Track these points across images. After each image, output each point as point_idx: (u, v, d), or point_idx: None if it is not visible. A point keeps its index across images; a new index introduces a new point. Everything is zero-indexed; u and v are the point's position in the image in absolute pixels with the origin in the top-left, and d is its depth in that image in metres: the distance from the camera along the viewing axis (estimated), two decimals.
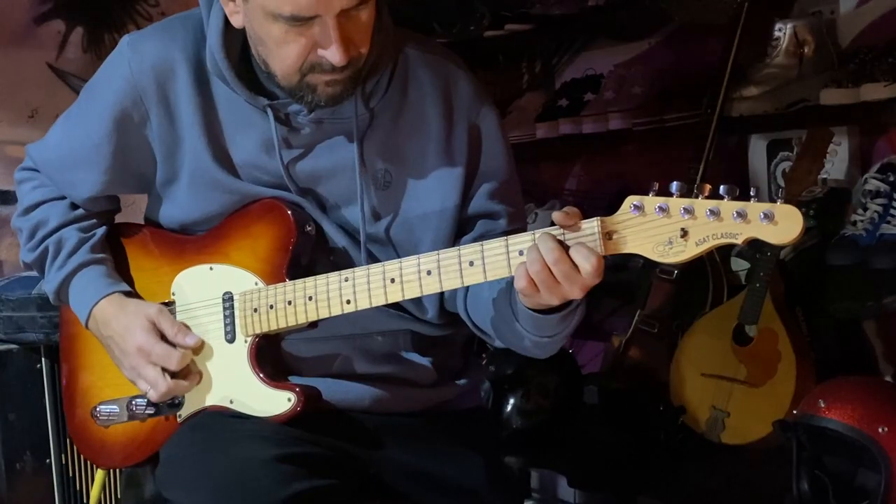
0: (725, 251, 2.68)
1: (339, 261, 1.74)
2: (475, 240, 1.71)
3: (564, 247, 1.47)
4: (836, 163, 2.62)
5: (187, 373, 1.75)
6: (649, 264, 2.75)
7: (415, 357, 1.81)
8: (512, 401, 2.85)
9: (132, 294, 1.83)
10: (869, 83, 2.42)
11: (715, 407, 2.52)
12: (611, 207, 1.50)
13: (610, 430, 2.80)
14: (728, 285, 2.66)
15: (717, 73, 2.69)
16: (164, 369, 1.74)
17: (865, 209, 2.45)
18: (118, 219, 1.94)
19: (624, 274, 2.83)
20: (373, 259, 1.74)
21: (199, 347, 1.76)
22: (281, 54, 1.62)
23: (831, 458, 2.20)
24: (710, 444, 2.53)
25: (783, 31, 2.63)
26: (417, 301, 1.75)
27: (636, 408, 2.72)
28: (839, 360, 2.60)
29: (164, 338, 1.75)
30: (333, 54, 1.57)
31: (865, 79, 2.43)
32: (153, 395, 1.75)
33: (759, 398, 2.44)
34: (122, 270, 1.86)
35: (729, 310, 2.54)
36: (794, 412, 2.24)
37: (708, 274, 2.67)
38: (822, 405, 2.15)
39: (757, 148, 2.86)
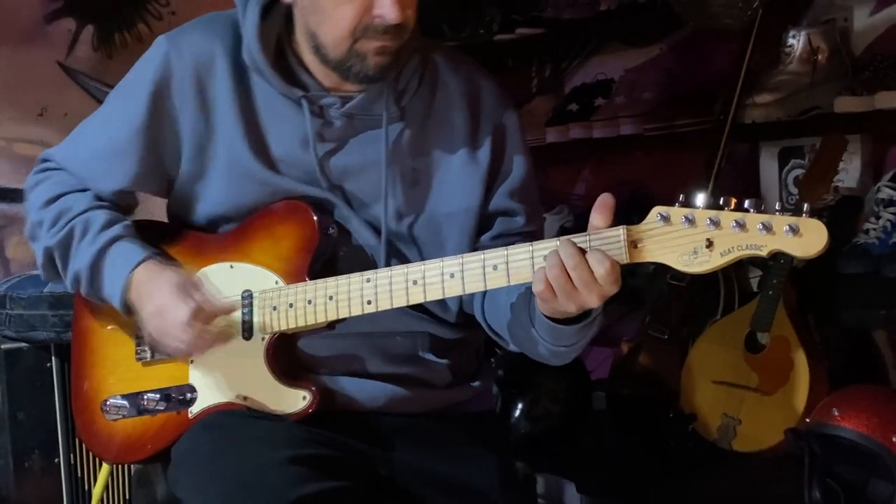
0: None
1: (365, 258, 1.75)
2: (494, 237, 1.76)
3: (584, 253, 1.47)
4: (849, 171, 2.61)
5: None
6: (660, 269, 2.74)
7: (431, 358, 1.81)
8: (520, 406, 2.84)
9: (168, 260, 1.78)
10: (883, 91, 2.41)
11: (726, 414, 2.50)
12: (621, 213, 1.50)
13: (618, 436, 2.79)
14: (740, 292, 2.65)
15: (730, 80, 2.68)
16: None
17: (878, 217, 2.45)
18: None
19: (633, 279, 2.81)
20: (396, 256, 1.76)
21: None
22: (336, 16, 1.64)
23: (844, 466, 2.19)
24: (721, 451, 2.52)
25: (797, 39, 2.62)
26: (441, 301, 1.75)
27: (645, 414, 2.71)
28: (849, 368, 2.59)
29: None
30: (390, 10, 1.61)
31: (880, 87, 2.43)
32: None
33: (771, 406, 2.43)
34: None
35: (741, 317, 2.53)
36: (807, 420, 2.24)
37: (720, 281, 2.66)
38: (836, 413, 2.15)
39: (768, 155, 2.85)
